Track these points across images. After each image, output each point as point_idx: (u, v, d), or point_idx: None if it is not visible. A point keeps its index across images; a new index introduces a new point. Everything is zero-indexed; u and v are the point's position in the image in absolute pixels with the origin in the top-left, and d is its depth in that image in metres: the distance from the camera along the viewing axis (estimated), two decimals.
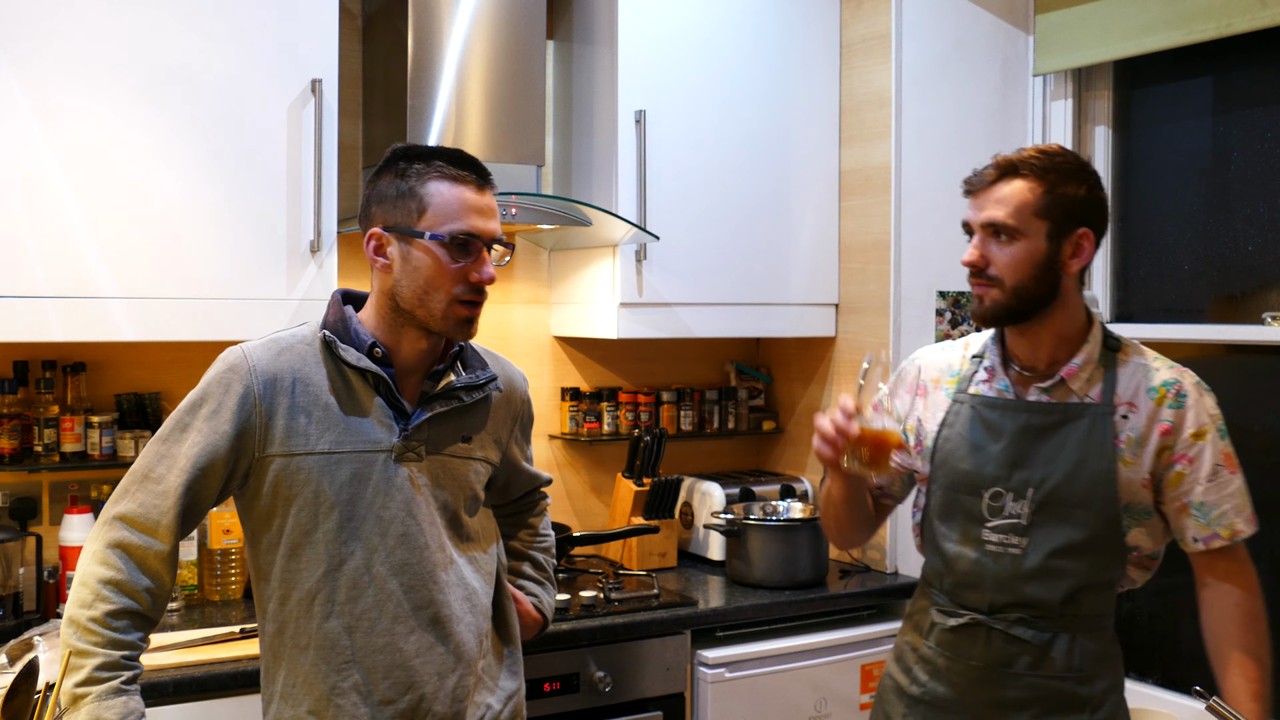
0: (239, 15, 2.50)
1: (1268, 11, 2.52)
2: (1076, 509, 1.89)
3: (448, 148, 1.83)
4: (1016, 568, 1.92)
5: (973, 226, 1.92)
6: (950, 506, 1.99)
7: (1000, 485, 1.93)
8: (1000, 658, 1.93)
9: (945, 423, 2.02)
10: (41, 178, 2.34)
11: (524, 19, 2.85)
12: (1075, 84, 3.06)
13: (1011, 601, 1.92)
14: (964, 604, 1.97)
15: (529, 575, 2.15)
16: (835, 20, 3.20)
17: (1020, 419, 1.94)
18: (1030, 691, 1.92)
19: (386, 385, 1.81)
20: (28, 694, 1.66)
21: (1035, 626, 1.92)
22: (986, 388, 1.99)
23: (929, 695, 1.99)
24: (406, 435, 1.82)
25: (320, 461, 1.77)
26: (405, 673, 1.79)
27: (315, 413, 1.79)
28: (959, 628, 1.96)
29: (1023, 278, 1.87)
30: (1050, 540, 1.90)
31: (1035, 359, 1.96)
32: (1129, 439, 1.90)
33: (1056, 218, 1.87)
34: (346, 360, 1.80)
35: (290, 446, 1.77)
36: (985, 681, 1.94)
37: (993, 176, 1.91)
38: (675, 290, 3.01)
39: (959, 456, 1.98)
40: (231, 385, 1.77)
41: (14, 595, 2.44)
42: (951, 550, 1.98)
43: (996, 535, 1.93)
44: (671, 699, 2.65)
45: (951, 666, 1.97)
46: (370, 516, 1.79)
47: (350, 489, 1.78)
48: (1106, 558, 1.91)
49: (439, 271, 1.77)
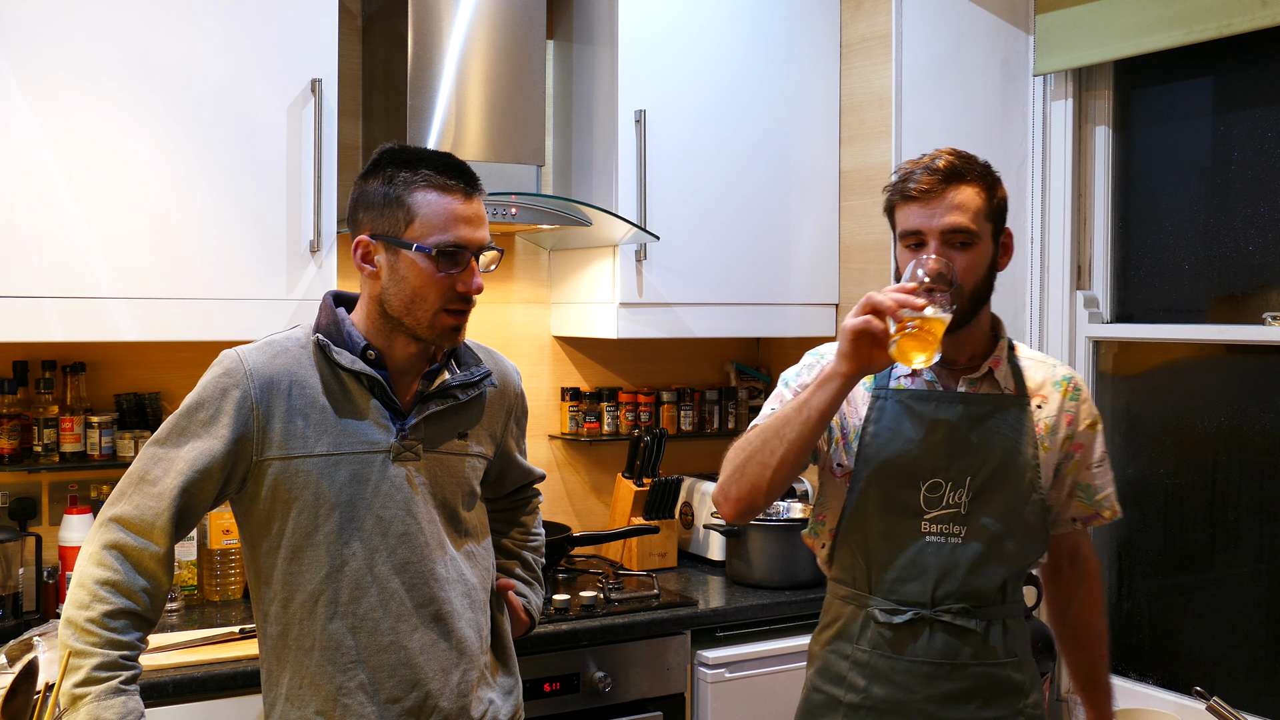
0: (239, 15, 2.49)
1: (1268, 11, 2.52)
2: (1009, 496, 1.93)
3: (436, 152, 1.82)
4: (957, 556, 1.93)
5: (928, 234, 1.89)
6: (885, 502, 1.97)
7: (940, 475, 1.94)
8: (945, 650, 1.93)
9: (869, 419, 1.99)
10: (41, 177, 2.34)
11: (524, 19, 2.85)
12: (1075, 84, 3.06)
13: (952, 591, 1.93)
14: (904, 600, 1.95)
15: (519, 575, 2.15)
16: (835, 20, 3.20)
17: (956, 409, 1.95)
18: (975, 681, 1.94)
19: (381, 386, 1.82)
20: (27, 694, 1.66)
21: (976, 615, 1.93)
22: (910, 382, 1.99)
23: (869, 700, 1.95)
24: (404, 435, 1.82)
25: (319, 464, 1.78)
26: (410, 670, 1.79)
27: (313, 415, 1.79)
28: (901, 625, 1.94)
29: (978, 281, 1.91)
30: (988, 528, 1.93)
31: (956, 355, 1.98)
32: (1045, 426, 1.98)
33: (995, 220, 1.94)
34: (340, 363, 1.80)
35: (289, 450, 1.78)
36: (931, 677, 1.94)
37: (941, 183, 1.89)
38: (675, 290, 3.01)
39: (892, 450, 1.96)
40: (229, 390, 1.77)
41: (13, 595, 2.44)
42: (886, 546, 1.96)
43: (936, 526, 1.94)
44: (671, 699, 2.65)
45: (894, 665, 1.94)
46: (370, 517, 1.79)
47: (350, 490, 1.79)
48: (1035, 544, 1.98)
49: (426, 282, 1.77)
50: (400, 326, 1.81)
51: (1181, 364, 2.92)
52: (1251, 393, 2.73)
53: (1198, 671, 2.77)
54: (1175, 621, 2.85)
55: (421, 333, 1.81)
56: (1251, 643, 2.71)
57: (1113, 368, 3.01)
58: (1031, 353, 2.07)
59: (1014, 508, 1.94)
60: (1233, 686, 2.71)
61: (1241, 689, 2.70)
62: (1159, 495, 2.87)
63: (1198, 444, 2.81)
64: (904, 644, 1.94)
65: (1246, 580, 2.73)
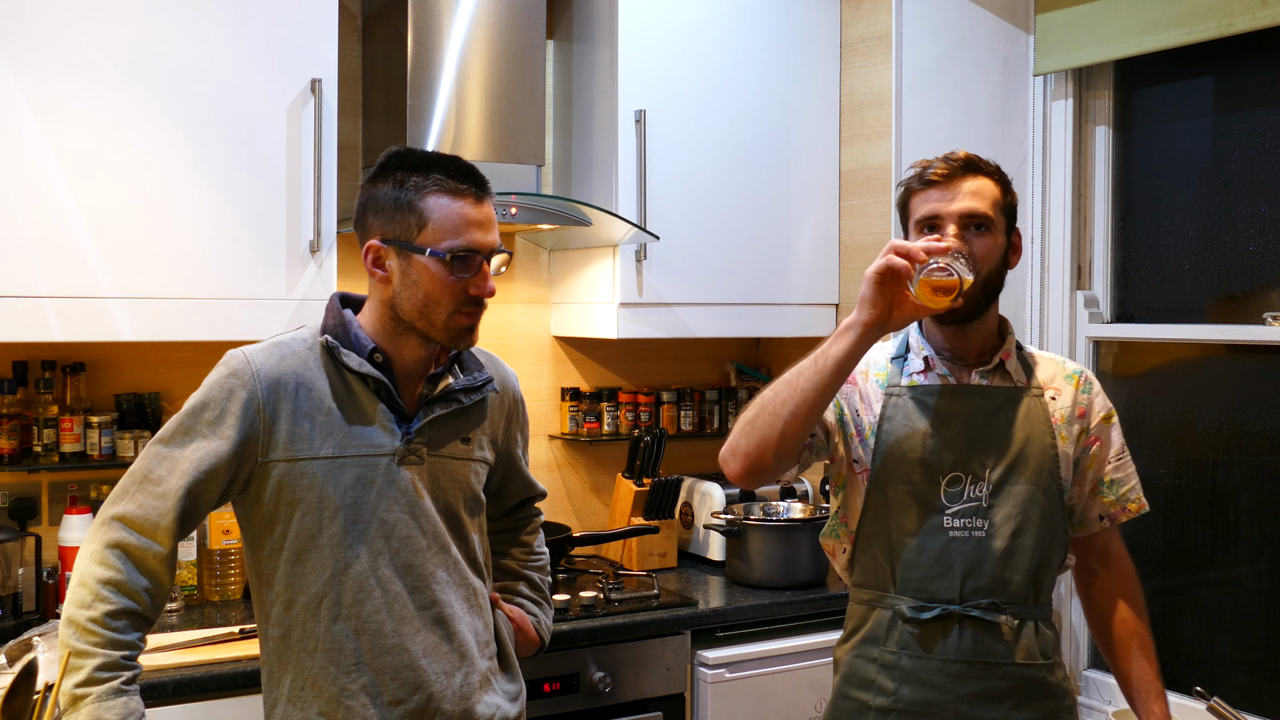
0: (239, 15, 2.49)
1: (1268, 11, 2.52)
2: (1030, 487, 1.93)
3: (445, 156, 1.82)
4: (982, 550, 1.92)
5: (945, 218, 1.91)
6: (905, 498, 1.95)
7: (959, 470, 1.94)
8: (976, 648, 1.91)
9: (884, 416, 1.98)
10: (41, 178, 2.34)
11: (524, 19, 2.85)
12: (1075, 84, 3.06)
13: (981, 585, 1.91)
14: (933, 597, 1.93)
15: (526, 595, 2.14)
16: (835, 20, 3.20)
17: (972, 402, 1.96)
18: (1008, 681, 1.92)
19: (387, 390, 1.82)
20: (27, 694, 1.66)
21: (1008, 612, 1.92)
22: (924, 378, 1.99)
23: (900, 702, 1.93)
24: (409, 439, 1.82)
25: (324, 466, 1.78)
26: (413, 673, 1.80)
27: (318, 418, 1.79)
28: (930, 621, 1.91)
29: (991, 269, 1.92)
30: (1010, 520, 1.92)
31: (966, 351, 1.99)
32: (1061, 417, 1.98)
33: (1008, 216, 1.96)
34: (348, 365, 1.80)
35: (294, 451, 1.77)
36: (963, 676, 1.91)
37: (958, 170, 1.93)
38: (675, 290, 3.01)
39: (909, 447, 1.96)
40: (235, 390, 1.76)
41: (13, 595, 2.44)
42: (911, 543, 1.94)
43: (959, 520, 1.93)
44: (671, 699, 2.65)
45: (924, 666, 1.92)
46: (374, 520, 1.79)
47: (354, 493, 1.78)
48: (1056, 536, 1.96)
49: (439, 286, 1.77)
50: (412, 330, 1.81)
51: (1181, 364, 2.92)
52: (1251, 393, 2.73)
53: (1198, 671, 2.77)
54: (1175, 621, 2.85)
55: (436, 335, 1.81)
56: (1251, 643, 2.71)
57: (1113, 368, 3.01)
58: (1039, 351, 2.08)
59: (1034, 499, 1.93)
60: (1233, 686, 2.71)
61: (1241, 689, 2.70)
62: (1159, 495, 2.86)
63: (1198, 444, 2.80)
64: (934, 642, 1.92)
65: (1246, 580, 2.73)
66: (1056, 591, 2.94)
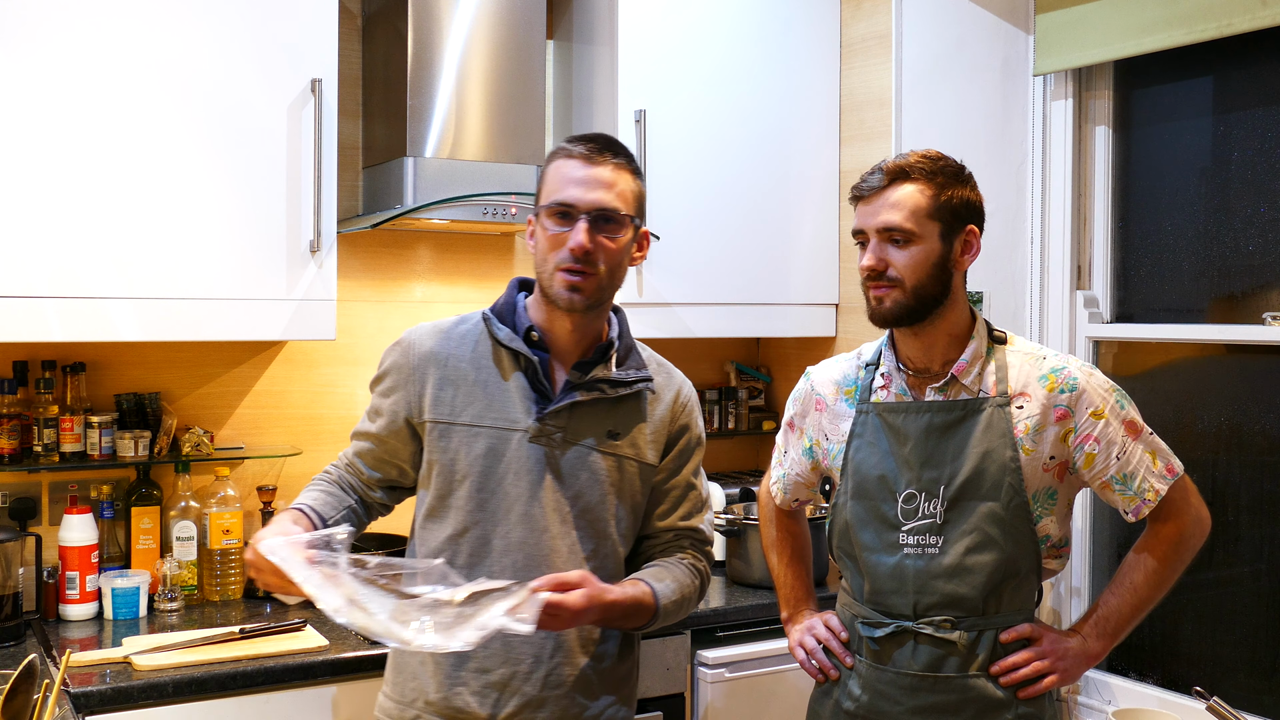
0: (239, 15, 2.50)
1: (1268, 11, 2.52)
2: (987, 501, 1.92)
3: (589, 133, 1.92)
4: (935, 566, 1.94)
5: (868, 232, 1.95)
6: (865, 515, 2.00)
7: (913, 487, 1.96)
8: (928, 662, 1.94)
9: (854, 433, 2.04)
10: (41, 177, 2.34)
11: (524, 19, 2.85)
12: (1075, 84, 3.06)
13: (934, 602, 1.94)
14: (888, 611, 1.98)
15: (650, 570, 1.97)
16: (835, 20, 3.20)
17: (923, 419, 1.97)
18: (961, 694, 1.93)
19: (535, 368, 1.87)
20: (27, 694, 1.66)
21: (960, 626, 1.93)
22: (885, 394, 2.02)
23: (863, 709, 2.00)
24: (542, 418, 1.86)
25: (462, 433, 1.87)
26: (505, 647, 1.84)
27: (463, 386, 1.89)
28: (885, 638, 1.97)
29: (921, 278, 1.92)
30: (965, 536, 1.93)
31: (929, 359, 2.00)
32: (1026, 427, 1.94)
33: (946, 218, 1.93)
34: (499, 339, 1.88)
35: (437, 415, 1.88)
36: (914, 689, 1.95)
37: (884, 183, 1.94)
38: (675, 290, 3.01)
39: (870, 464, 2.00)
40: (397, 363, 1.94)
41: (13, 595, 2.44)
42: (870, 559, 1.99)
43: (913, 537, 1.96)
44: (671, 699, 2.65)
45: (880, 676, 1.98)
46: (499, 492, 1.86)
47: (484, 462, 1.86)
48: (1019, 548, 1.94)
49: (544, 241, 1.87)
50: (545, 296, 1.88)
51: (1181, 364, 2.92)
52: (1251, 393, 2.73)
53: (1198, 671, 2.77)
54: (1175, 621, 2.85)
55: (549, 295, 1.87)
56: (1251, 643, 2.71)
57: (1113, 368, 3.01)
58: (1027, 346, 2.02)
59: (992, 514, 1.92)
60: (1233, 686, 2.71)
61: (1241, 689, 2.70)
62: None
63: (1198, 444, 2.80)
64: (889, 655, 1.98)
65: (1246, 580, 2.73)
66: (1056, 592, 2.94)
